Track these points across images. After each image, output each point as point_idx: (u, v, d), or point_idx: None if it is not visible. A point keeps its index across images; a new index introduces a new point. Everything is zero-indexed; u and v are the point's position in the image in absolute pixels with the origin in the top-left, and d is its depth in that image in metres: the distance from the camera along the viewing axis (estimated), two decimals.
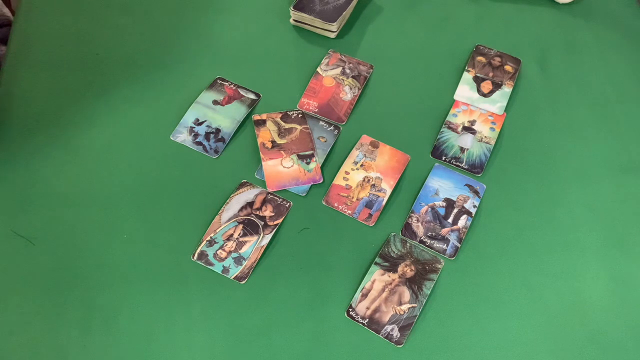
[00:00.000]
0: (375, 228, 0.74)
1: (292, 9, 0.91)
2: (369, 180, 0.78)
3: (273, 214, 0.75)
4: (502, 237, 0.74)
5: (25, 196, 0.75)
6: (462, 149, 0.81)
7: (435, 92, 0.87)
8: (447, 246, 0.73)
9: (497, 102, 0.86)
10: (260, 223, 0.74)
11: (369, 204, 0.76)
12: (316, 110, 0.85)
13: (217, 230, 0.73)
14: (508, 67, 0.89)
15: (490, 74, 0.89)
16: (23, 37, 0.91)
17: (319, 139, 0.82)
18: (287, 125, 0.82)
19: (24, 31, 0.92)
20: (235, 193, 0.76)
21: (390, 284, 0.70)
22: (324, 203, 0.76)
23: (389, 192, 0.77)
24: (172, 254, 0.72)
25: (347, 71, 0.89)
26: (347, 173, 0.78)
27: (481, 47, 0.92)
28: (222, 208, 0.75)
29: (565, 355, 0.66)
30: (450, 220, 0.75)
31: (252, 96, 0.86)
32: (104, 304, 0.68)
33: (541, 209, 0.76)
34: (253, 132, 0.83)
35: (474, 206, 0.76)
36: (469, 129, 0.83)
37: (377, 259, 0.71)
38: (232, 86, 0.87)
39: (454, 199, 0.76)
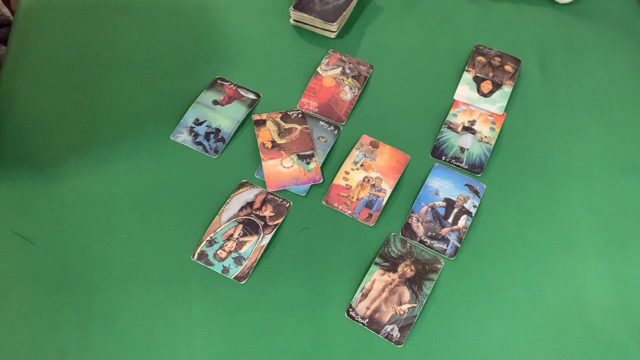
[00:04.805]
0: (375, 228, 0.74)
1: (292, 9, 0.91)
2: (369, 180, 0.78)
3: (273, 214, 0.75)
4: (502, 237, 0.74)
5: (25, 196, 0.75)
6: (462, 149, 0.81)
7: (435, 92, 0.87)
8: (447, 246, 0.73)
9: (497, 102, 0.85)
10: (260, 223, 0.74)
11: (369, 204, 0.76)
12: (316, 110, 0.85)
13: (217, 230, 0.73)
14: (508, 67, 0.89)
15: (490, 74, 0.89)
16: (23, 37, 0.91)
17: (319, 139, 0.82)
18: (287, 125, 0.82)
19: (24, 31, 0.92)
20: (235, 193, 0.76)
21: (390, 284, 0.70)
22: (324, 203, 0.76)
23: (389, 192, 0.77)
24: (172, 254, 0.72)
25: (347, 71, 0.89)
26: (347, 173, 0.78)
27: (481, 47, 0.92)
28: (222, 208, 0.75)
29: (565, 356, 0.66)
30: (450, 220, 0.75)
31: (252, 96, 0.86)
32: (104, 304, 0.68)
33: (541, 209, 0.76)
34: (253, 132, 0.83)
35: (474, 206, 0.76)
36: (469, 129, 0.83)
37: (377, 259, 0.71)
38: (232, 86, 0.87)
39: (454, 199, 0.76)
